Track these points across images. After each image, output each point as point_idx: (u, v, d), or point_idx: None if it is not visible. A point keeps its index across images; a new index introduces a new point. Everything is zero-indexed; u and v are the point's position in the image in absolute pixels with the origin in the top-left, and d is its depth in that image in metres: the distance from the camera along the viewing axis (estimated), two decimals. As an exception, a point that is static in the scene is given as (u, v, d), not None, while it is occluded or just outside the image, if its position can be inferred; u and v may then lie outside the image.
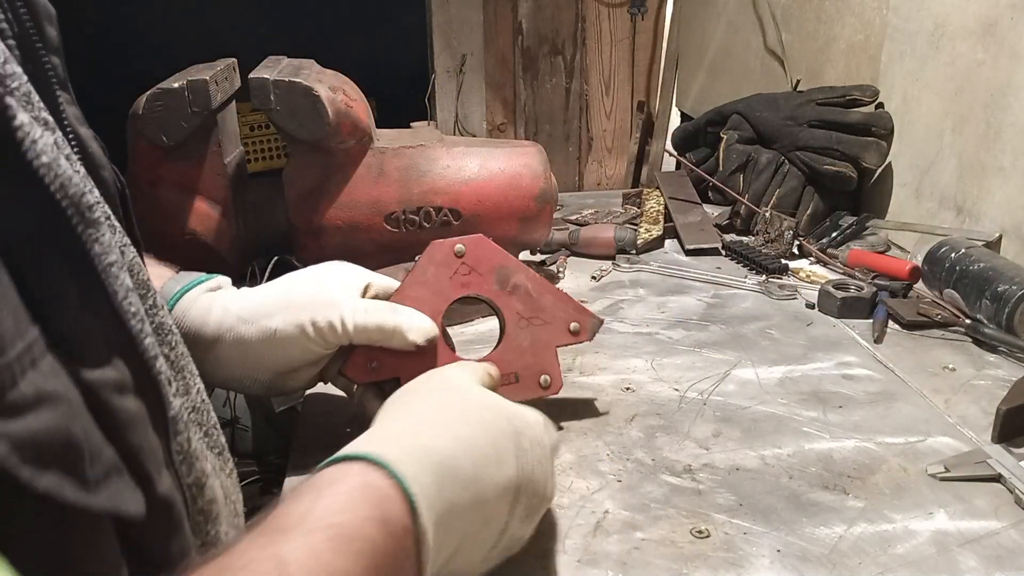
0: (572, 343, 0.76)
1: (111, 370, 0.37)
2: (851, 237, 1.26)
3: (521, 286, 0.75)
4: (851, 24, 1.47)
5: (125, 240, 0.43)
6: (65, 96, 0.43)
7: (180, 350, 0.48)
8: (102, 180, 0.44)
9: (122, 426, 0.37)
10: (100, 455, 0.35)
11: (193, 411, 0.48)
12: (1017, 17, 1.07)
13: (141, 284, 0.43)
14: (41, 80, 0.41)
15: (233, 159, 1.07)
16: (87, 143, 0.44)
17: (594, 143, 2.79)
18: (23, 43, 0.40)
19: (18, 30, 0.40)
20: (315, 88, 0.96)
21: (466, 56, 2.59)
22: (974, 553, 0.60)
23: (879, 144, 1.30)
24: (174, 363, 0.47)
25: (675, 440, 0.76)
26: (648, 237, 1.28)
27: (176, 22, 3.46)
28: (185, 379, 0.48)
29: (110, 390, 0.37)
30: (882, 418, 0.79)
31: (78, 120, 0.44)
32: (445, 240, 0.74)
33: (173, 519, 0.42)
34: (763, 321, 1.02)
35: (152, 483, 0.39)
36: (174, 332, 0.47)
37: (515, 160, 1.05)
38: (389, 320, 0.68)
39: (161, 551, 0.40)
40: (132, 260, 0.43)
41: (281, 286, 0.70)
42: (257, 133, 3.08)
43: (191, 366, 0.49)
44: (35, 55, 0.41)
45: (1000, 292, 0.91)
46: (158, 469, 0.40)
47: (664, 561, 0.60)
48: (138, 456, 0.38)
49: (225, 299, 0.68)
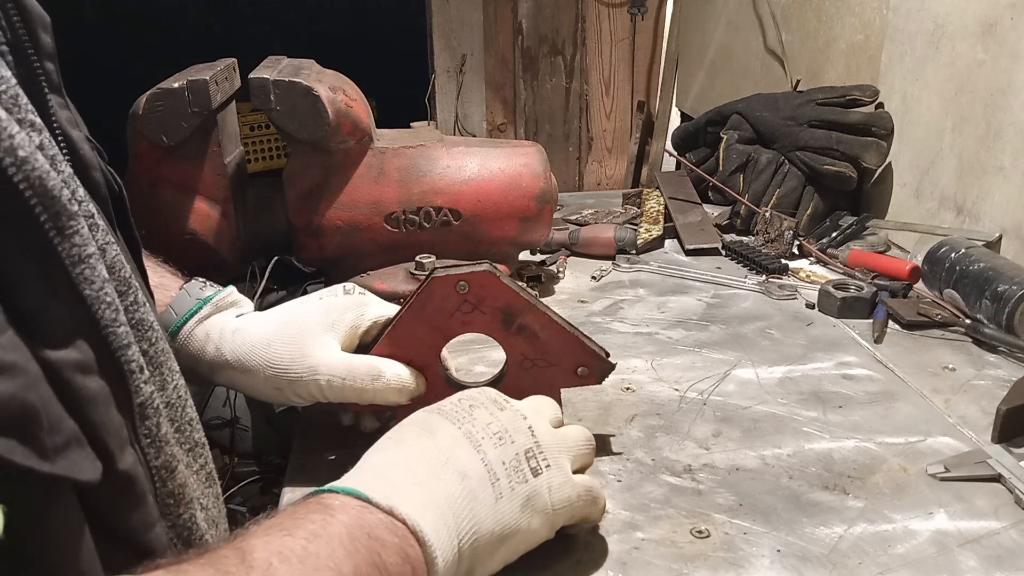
0: (578, 386, 0.73)
1: (74, 351, 0.40)
2: (851, 237, 1.26)
3: (527, 327, 0.70)
4: (851, 24, 1.47)
5: (109, 239, 0.45)
6: (57, 100, 0.46)
7: (160, 347, 0.50)
8: (92, 181, 0.47)
9: (84, 403, 0.40)
10: (60, 426, 0.38)
11: (167, 406, 0.51)
12: (1017, 17, 1.07)
13: (122, 281, 0.46)
14: (32, 84, 0.43)
15: (233, 159, 1.07)
16: (78, 145, 0.46)
17: (594, 143, 2.79)
18: (15, 49, 0.43)
19: (11, 36, 0.42)
20: (315, 88, 0.96)
21: (466, 56, 2.59)
22: (974, 553, 0.60)
23: (879, 144, 1.30)
24: (153, 358, 0.49)
25: (675, 440, 0.76)
26: (648, 237, 1.28)
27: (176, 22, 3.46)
28: (163, 375, 0.50)
29: (72, 369, 0.39)
30: (882, 418, 0.79)
31: (70, 123, 0.47)
32: (448, 275, 0.68)
33: (135, 494, 0.45)
34: (763, 321, 1.02)
35: (112, 458, 0.42)
36: (155, 329, 0.50)
37: (515, 160, 1.05)
38: (368, 387, 0.69)
39: (122, 523, 0.44)
40: (114, 257, 0.45)
41: (270, 331, 0.71)
42: (257, 133, 3.09)
43: (171, 363, 0.52)
44: (26, 60, 0.43)
45: (1000, 292, 0.91)
46: (120, 446, 0.43)
47: (664, 561, 0.60)
48: (99, 432, 0.41)
49: (221, 337, 0.71)
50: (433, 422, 0.57)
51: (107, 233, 0.45)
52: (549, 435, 0.58)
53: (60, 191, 0.39)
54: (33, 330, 0.37)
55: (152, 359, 0.49)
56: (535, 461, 0.55)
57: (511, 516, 0.53)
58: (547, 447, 0.57)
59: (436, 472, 0.52)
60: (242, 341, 0.70)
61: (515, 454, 0.55)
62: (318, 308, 0.72)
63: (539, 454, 0.56)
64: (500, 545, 0.53)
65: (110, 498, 0.42)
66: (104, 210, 0.47)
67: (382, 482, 0.51)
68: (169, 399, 0.51)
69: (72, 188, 0.42)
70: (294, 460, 0.75)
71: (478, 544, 0.52)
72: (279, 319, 0.72)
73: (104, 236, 0.45)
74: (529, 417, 0.58)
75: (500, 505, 0.53)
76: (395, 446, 0.56)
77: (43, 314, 0.39)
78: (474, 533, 0.51)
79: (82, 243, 0.41)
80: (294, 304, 0.74)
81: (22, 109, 0.40)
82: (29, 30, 0.44)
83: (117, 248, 0.46)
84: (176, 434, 0.52)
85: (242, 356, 0.70)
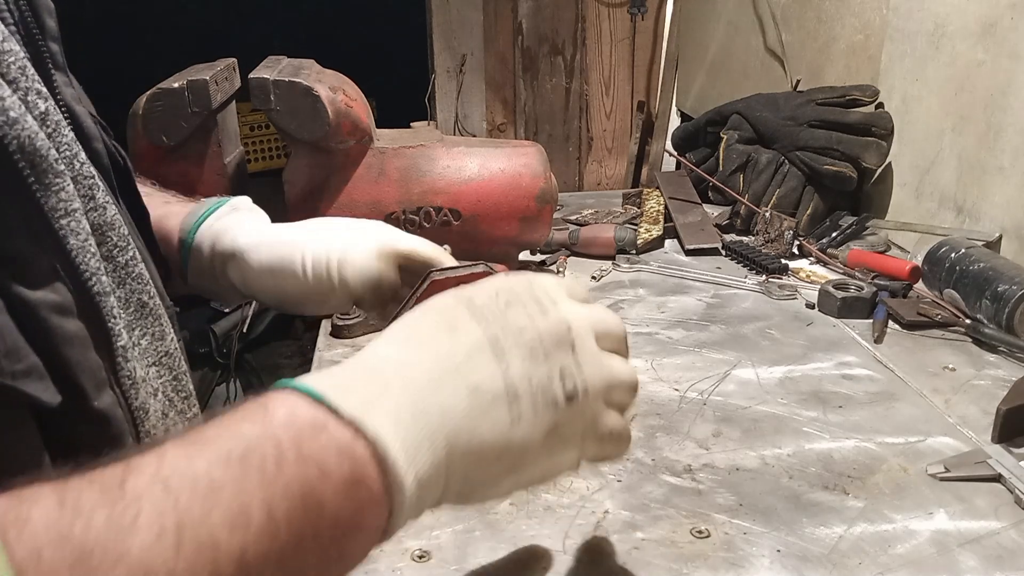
0: None
1: (51, 293, 0.43)
2: (851, 237, 1.26)
3: None
4: (851, 24, 1.47)
5: (108, 199, 0.49)
6: (62, 77, 0.49)
7: (157, 300, 0.53)
8: (94, 151, 0.51)
9: (60, 341, 0.42)
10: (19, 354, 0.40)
11: (166, 355, 0.54)
12: (1017, 17, 1.07)
13: (121, 237, 0.50)
14: (38, 62, 0.47)
15: (233, 159, 1.07)
16: (81, 119, 0.50)
17: (594, 143, 2.79)
18: (23, 29, 0.47)
19: (18, 17, 0.47)
20: (315, 88, 0.96)
21: (466, 56, 2.59)
22: (974, 553, 0.60)
23: (879, 144, 1.30)
24: (152, 310, 0.52)
25: (675, 440, 0.76)
26: (648, 237, 1.28)
27: (176, 22, 3.46)
28: (161, 326, 0.53)
29: (48, 309, 0.42)
30: (882, 418, 0.79)
31: (74, 99, 0.50)
32: (446, 277, 0.64)
33: (111, 433, 0.46)
34: (763, 321, 1.02)
35: (86, 396, 0.44)
36: (155, 283, 0.53)
37: (515, 160, 1.05)
38: None
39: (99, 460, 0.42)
40: (113, 216, 0.49)
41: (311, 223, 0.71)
42: (257, 133, 3.09)
43: (167, 316, 0.54)
44: (32, 40, 0.47)
45: (1000, 292, 0.91)
46: (97, 386, 0.45)
47: (664, 561, 0.60)
48: (74, 370, 0.43)
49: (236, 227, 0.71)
50: (457, 316, 0.46)
51: (107, 194, 0.49)
52: (592, 358, 0.48)
53: (48, 151, 0.43)
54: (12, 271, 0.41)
55: (152, 311, 0.52)
56: (572, 382, 0.46)
57: (529, 444, 0.44)
58: (589, 370, 0.47)
59: (440, 379, 0.43)
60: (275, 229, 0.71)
61: (548, 371, 0.45)
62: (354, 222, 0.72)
63: (578, 376, 0.46)
64: (509, 474, 0.45)
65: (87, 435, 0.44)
66: (106, 178, 0.51)
67: (363, 384, 0.42)
68: (168, 349, 0.54)
69: (73, 152, 0.46)
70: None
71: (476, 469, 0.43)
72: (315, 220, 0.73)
73: (104, 196, 0.48)
74: (576, 329, 0.48)
75: (516, 429, 0.44)
76: (403, 339, 0.46)
77: (23, 258, 0.41)
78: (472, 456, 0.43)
79: (67, 199, 0.44)
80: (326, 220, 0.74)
81: (29, 79, 0.44)
82: (35, 14, 0.48)
83: (115, 209, 0.50)
84: (173, 381, 0.54)
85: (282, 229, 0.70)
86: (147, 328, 0.52)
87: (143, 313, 0.51)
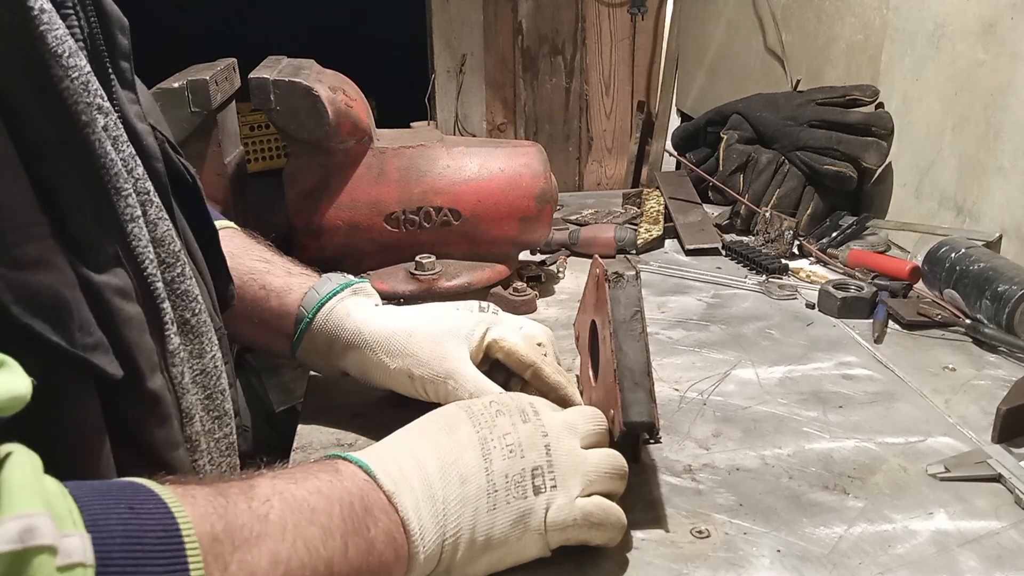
0: None
1: (114, 277, 0.46)
2: (851, 237, 1.26)
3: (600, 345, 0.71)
4: (851, 24, 1.47)
5: (162, 214, 0.52)
6: (128, 95, 0.53)
7: (202, 318, 0.56)
8: (153, 169, 0.53)
9: (120, 323, 0.46)
10: (89, 329, 0.43)
11: (202, 373, 0.56)
12: (1017, 17, 1.07)
13: (170, 253, 0.53)
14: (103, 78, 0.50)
15: (233, 159, 1.07)
16: (142, 136, 0.53)
17: (594, 143, 2.79)
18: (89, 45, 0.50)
19: (87, 32, 0.50)
20: (315, 88, 0.96)
21: (466, 56, 2.60)
22: (974, 553, 0.60)
23: (879, 144, 1.30)
24: (194, 327, 0.55)
25: (675, 440, 0.76)
26: (648, 237, 1.28)
27: (176, 22, 3.46)
28: (202, 344, 0.56)
29: (112, 292, 0.46)
30: (882, 418, 0.79)
31: (138, 117, 0.54)
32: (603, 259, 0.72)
33: (161, 413, 0.50)
34: (763, 321, 1.02)
35: (142, 375, 0.48)
36: (199, 301, 0.55)
37: (515, 160, 1.05)
38: None
39: (148, 437, 0.49)
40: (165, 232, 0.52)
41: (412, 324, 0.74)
42: (257, 133, 3.09)
43: (211, 335, 0.57)
44: (98, 55, 0.50)
45: (1000, 292, 0.91)
46: (151, 368, 0.49)
47: (664, 561, 0.60)
48: (132, 351, 0.47)
49: (364, 318, 0.75)
50: (457, 420, 0.58)
51: (160, 210, 0.52)
52: (567, 456, 0.57)
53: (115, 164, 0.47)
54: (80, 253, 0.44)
55: (193, 328, 0.55)
56: (541, 479, 0.56)
57: (501, 528, 0.54)
58: (559, 467, 0.57)
59: (443, 471, 0.54)
60: (383, 324, 0.74)
61: (521, 469, 0.56)
62: (455, 317, 0.75)
63: (548, 473, 0.56)
64: (484, 553, 0.54)
65: (138, 413, 0.48)
66: (162, 195, 0.54)
67: (392, 466, 0.53)
68: (205, 367, 0.57)
69: (130, 167, 0.50)
70: (294, 460, 0.75)
71: (461, 548, 0.53)
72: (420, 316, 0.76)
73: (157, 212, 0.52)
74: (552, 433, 0.58)
75: (494, 516, 0.54)
76: (417, 435, 0.57)
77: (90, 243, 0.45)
78: (460, 537, 0.53)
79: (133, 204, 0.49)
80: (433, 307, 0.78)
81: (91, 94, 0.47)
82: (105, 30, 0.51)
83: (169, 224, 0.53)
84: (206, 400, 0.57)
85: (382, 339, 0.73)
86: (186, 344, 0.55)
87: (184, 330, 0.54)
